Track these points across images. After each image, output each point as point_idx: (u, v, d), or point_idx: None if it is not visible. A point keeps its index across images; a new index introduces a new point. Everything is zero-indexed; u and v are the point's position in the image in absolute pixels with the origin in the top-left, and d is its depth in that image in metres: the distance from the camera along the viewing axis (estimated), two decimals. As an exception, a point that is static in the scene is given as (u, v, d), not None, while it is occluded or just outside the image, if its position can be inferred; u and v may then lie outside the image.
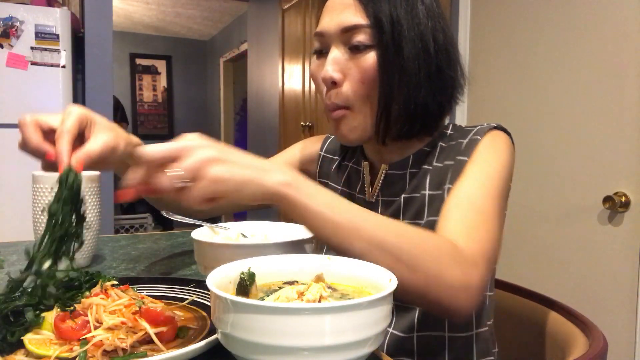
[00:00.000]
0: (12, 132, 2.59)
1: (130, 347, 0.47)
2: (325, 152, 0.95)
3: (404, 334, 0.74)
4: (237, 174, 0.51)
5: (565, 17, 1.73)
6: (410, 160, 0.79)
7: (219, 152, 0.51)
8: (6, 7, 2.57)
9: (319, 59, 0.77)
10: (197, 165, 0.49)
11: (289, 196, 0.54)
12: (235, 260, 0.54)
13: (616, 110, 1.57)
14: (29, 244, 0.57)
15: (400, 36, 0.70)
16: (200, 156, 0.50)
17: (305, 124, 3.08)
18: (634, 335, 1.52)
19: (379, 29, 0.70)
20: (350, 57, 0.72)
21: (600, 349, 0.65)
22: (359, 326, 0.41)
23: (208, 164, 0.50)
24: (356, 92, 0.72)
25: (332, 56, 0.72)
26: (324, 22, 0.74)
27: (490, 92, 2.06)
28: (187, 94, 6.68)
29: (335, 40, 0.73)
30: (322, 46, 0.76)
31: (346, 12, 0.71)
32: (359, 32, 0.70)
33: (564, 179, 1.74)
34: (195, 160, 0.50)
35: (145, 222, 4.65)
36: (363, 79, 0.71)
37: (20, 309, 0.51)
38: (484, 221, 0.64)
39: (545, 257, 1.81)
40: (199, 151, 0.50)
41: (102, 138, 0.64)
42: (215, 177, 0.50)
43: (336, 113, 0.74)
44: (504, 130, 0.77)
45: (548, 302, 0.85)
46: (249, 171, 0.52)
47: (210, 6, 5.28)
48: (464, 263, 0.58)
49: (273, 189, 0.53)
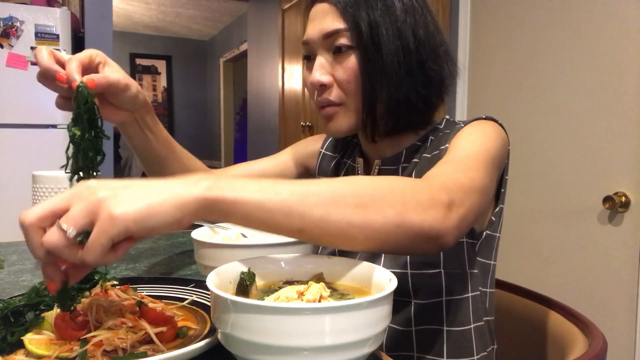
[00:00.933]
0: (12, 132, 2.59)
1: (130, 347, 0.47)
2: (326, 150, 0.97)
3: (403, 328, 0.75)
4: (140, 201, 0.42)
5: (566, 17, 1.73)
6: (402, 155, 0.81)
7: (115, 187, 0.43)
8: (6, 7, 2.57)
9: (307, 66, 0.81)
10: (87, 208, 0.41)
11: (220, 198, 0.45)
12: (235, 260, 0.54)
13: (616, 110, 1.57)
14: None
15: (377, 36, 0.73)
16: (90, 198, 0.41)
17: (305, 124, 3.08)
18: (634, 335, 1.52)
19: (357, 32, 0.73)
20: (334, 60, 0.76)
21: (599, 349, 0.65)
22: (359, 326, 0.41)
23: (102, 203, 0.41)
24: (346, 90, 0.76)
25: (318, 62, 0.76)
26: (308, 31, 0.78)
27: (490, 92, 2.06)
28: (187, 94, 6.68)
29: (320, 46, 0.77)
30: (308, 53, 0.80)
31: (326, 19, 0.75)
32: (340, 36, 0.74)
33: (564, 179, 1.74)
34: (84, 204, 0.41)
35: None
36: (349, 78, 0.75)
37: (20, 309, 0.51)
38: (461, 167, 0.62)
39: (545, 257, 1.81)
40: (88, 194, 0.42)
41: (114, 71, 0.70)
42: (112, 214, 0.40)
43: (329, 109, 0.77)
44: (495, 120, 0.78)
45: (548, 301, 0.85)
46: (155, 192, 0.43)
47: (210, 6, 5.28)
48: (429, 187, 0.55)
49: (200, 198, 0.44)
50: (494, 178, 0.69)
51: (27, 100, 2.62)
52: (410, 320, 0.74)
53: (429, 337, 0.74)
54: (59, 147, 2.70)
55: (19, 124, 2.61)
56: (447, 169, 0.62)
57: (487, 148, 0.68)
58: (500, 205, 0.78)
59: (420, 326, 0.74)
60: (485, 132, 0.72)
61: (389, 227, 0.50)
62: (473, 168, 0.63)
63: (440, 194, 0.54)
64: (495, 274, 0.81)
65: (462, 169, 0.62)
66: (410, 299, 0.74)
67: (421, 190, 0.53)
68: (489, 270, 0.79)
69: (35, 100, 2.64)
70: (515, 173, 1.93)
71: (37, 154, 2.61)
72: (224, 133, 6.28)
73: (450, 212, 0.53)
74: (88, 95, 0.60)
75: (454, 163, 0.64)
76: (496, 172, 0.70)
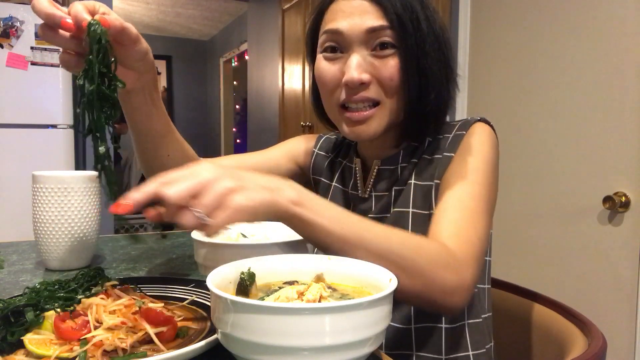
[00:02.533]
0: (13, 132, 2.59)
1: (130, 347, 0.47)
2: (319, 150, 0.97)
3: (402, 326, 0.75)
4: (256, 199, 0.51)
5: (566, 17, 1.73)
6: (400, 155, 0.82)
7: (236, 180, 0.51)
8: (6, 7, 2.57)
9: (330, 59, 0.76)
10: (218, 198, 0.50)
11: (299, 214, 0.55)
12: (235, 260, 0.54)
13: (616, 110, 1.57)
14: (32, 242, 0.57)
15: (422, 39, 0.72)
16: (220, 189, 0.50)
17: (305, 124, 3.08)
18: (633, 335, 1.53)
19: (402, 30, 0.71)
20: (374, 57, 0.73)
21: (599, 349, 0.65)
22: (359, 326, 0.41)
23: (228, 195, 0.50)
24: (387, 89, 0.74)
25: (356, 59, 0.72)
26: (342, 24, 0.73)
27: (490, 92, 2.06)
28: (187, 94, 6.69)
29: (358, 42, 0.73)
30: (335, 44, 0.75)
31: (368, 13, 0.72)
32: (384, 33, 0.72)
33: (564, 179, 1.74)
34: (215, 194, 0.50)
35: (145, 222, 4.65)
36: (392, 76, 0.73)
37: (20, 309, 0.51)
38: (473, 221, 0.68)
39: (546, 257, 1.81)
40: (217, 184, 0.50)
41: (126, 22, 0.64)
42: (237, 207, 0.50)
43: (366, 112, 0.74)
44: (488, 123, 0.79)
45: (548, 301, 0.85)
46: (264, 193, 0.52)
47: (210, 6, 5.29)
48: (457, 266, 0.62)
49: (284, 208, 0.54)
50: (493, 208, 0.75)
51: (27, 100, 2.62)
52: (410, 318, 0.75)
53: (428, 335, 0.75)
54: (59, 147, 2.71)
55: (19, 124, 2.62)
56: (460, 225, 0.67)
57: (488, 177, 0.73)
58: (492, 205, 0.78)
59: (419, 324, 0.75)
60: (484, 149, 0.75)
61: (411, 293, 0.60)
62: (480, 216, 0.69)
63: (466, 280, 0.62)
64: (490, 270, 0.82)
65: (473, 224, 0.68)
66: None
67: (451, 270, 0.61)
68: (484, 267, 0.79)
69: (35, 100, 2.64)
70: (515, 173, 1.93)
71: (37, 154, 2.61)
72: (224, 133, 6.28)
73: (468, 295, 0.63)
74: (101, 34, 0.54)
75: (462, 211, 0.69)
76: (494, 191, 0.75)
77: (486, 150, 0.75)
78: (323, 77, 0.77)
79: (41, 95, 2.65)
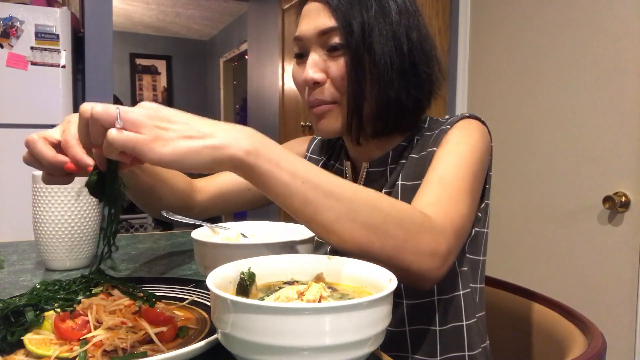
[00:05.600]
0: (12, 132, 2.59)
1: (130, 347, 0.47)
2: (311, 154, 0.97)
3: (396, 328, 0.75)
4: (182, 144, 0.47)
5: (566, 17, 1.73)
6: (389, 156, 0.82)
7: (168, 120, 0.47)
8: (6, 7, 2.57)
9: (299, 63, 0.80)
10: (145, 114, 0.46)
11: (252, 165, 0.49)
12: (235, 260, 0.54)
13: (616, 110, 1.57)
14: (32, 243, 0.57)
15: (370, 36, 0.73)
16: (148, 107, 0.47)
17: (305, 124, 3.08)
18: (633, 335, 1.53)
19: (349, 31, 0.73)
20: (328, 58, 0.75)
21: (599, 348, 0.65)
22: (359, 326, 0.41)
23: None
24: (340, 88, 0.75)
25: (312, 59, 0.76)
26: (302, 27, 0.77)
27: (490, 92, 2.06)
28: (187, 94, 6.68)
29: (314, 44, 0.76)
30: (301, 50, 0.79)
31: (321, 16, 0.75)
32: (334, 35, 0.74)
33: (564, 179, 1.74)
34: (142, 110, 0.47)
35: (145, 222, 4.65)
36: (342, 75, 0.74)
37: (20, 309, 0.51)
38: (453, 196, 0.66)
39: (546, 257, 1.81)
40: (145, 105, 0.48)
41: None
42: (156, 153, 0.46)
43: (321, 108, 0.77)
44: (478, 119, 0.79)
45: (547, 301, 0.85)
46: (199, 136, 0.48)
47: (210, 6, 5.28)
48: (432, 230, 0.59)
49: (235, 158, 0.48)
50: (478, 195, 0.73)
51: (27, 100, 2.62)
52: (403, 321, 0.75)
53: (423, 337, 0.75)
54: (59, 147, 2.71)
55: (19, 124, 2.61)
56: (439, 197, 0.65)
57: (472, 162, 0.71)
58: (486, 201, 0.79)
59: (413, 326, 0.75)
60: (470, 138, 0.74)
61: (382, 256, 0.56)
62: (461, 194, 0.67)
63: (441, 245, 0.59)
64: (485, 269, 0.82)
65: (453, 198, 0.65)
66: (402, 299, 0.75)
67: (425, 232, 0.58)
68: (478, 266, 0.79)
69: (35, 100, 2.63)
70: (515, 173, 1.93)
71: (37, 154, 2.61)
72: (224, 133, 6.27)
73: (444, 264, 0.60)
74: (118, 178, 0.53)
75: (443, 187, 0.67)
76: (481, 180, 0.73)
77: (474, 139, 0.74)
78: (294, 80, 0.82)
79: (41, 95, 2.65)
